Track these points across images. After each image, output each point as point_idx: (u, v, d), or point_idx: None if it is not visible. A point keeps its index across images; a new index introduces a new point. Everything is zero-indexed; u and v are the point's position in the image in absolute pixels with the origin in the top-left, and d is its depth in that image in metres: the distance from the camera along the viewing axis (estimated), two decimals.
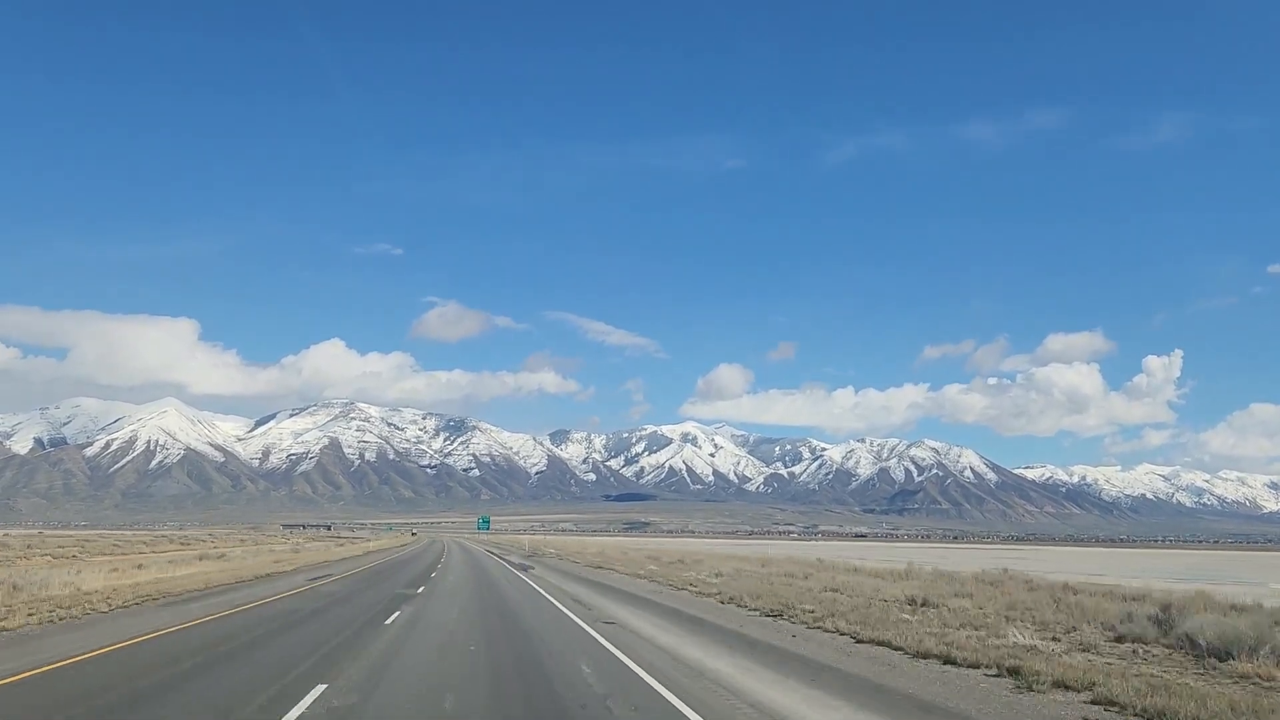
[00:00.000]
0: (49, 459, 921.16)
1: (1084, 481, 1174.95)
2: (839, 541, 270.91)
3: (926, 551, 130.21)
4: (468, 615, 24.30)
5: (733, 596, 28.82)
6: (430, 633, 20.19)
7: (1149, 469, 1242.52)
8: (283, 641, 18.41)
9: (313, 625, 21.52)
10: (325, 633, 19.83)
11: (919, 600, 25.60)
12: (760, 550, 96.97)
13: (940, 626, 20.27)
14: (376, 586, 36.30)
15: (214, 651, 16.70)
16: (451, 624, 22.04)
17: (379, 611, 24.72)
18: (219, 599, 28.47)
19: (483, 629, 21.16)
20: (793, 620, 22.91)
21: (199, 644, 17.66)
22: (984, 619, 21.43)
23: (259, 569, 46.17)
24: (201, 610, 24.52)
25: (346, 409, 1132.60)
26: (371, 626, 21.16)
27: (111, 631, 19.49)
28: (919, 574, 39.62)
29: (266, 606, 26.17)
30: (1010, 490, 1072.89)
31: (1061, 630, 19.71)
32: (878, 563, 59.01)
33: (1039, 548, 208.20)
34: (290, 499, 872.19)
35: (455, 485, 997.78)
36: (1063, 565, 78.58)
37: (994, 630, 19.33)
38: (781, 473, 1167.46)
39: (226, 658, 16.02)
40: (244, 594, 30.62)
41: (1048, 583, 32.59)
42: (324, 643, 18.07)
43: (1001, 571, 39.96)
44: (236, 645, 17.68)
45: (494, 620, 23.18)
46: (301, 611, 24.82)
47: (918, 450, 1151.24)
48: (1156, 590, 29.43)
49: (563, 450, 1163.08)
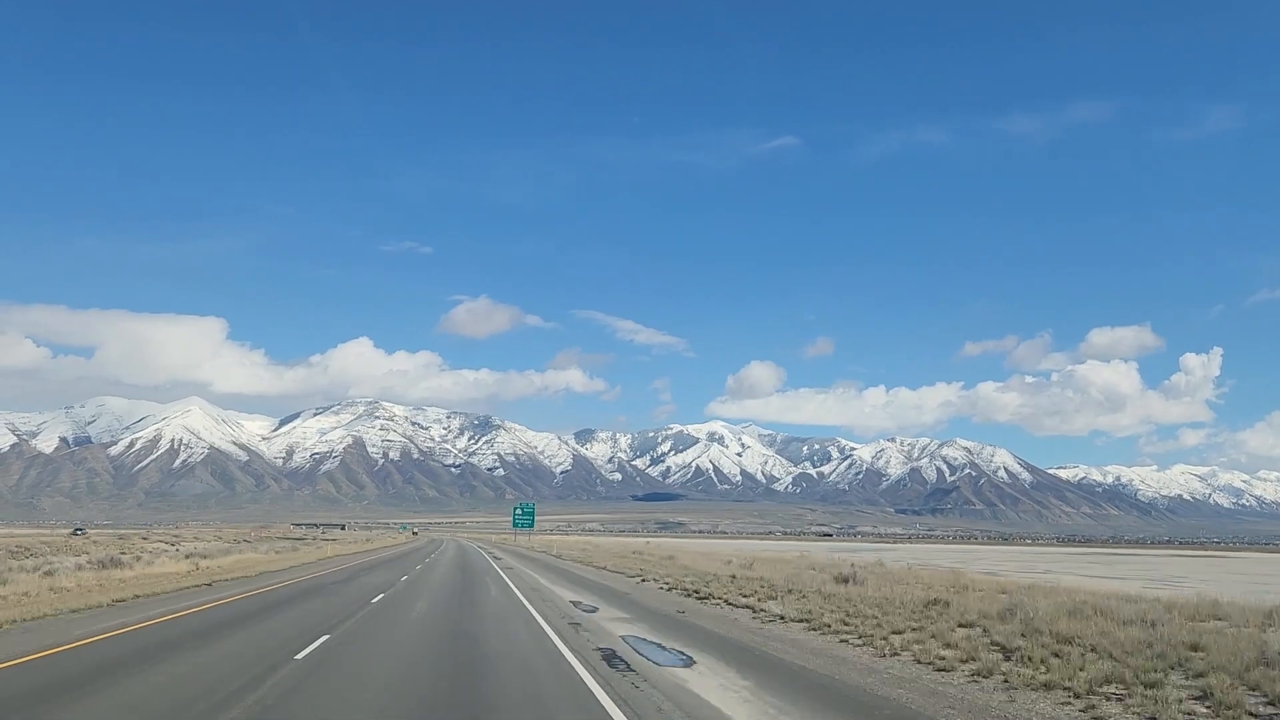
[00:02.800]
0: (73, 458, 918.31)
1: (1118, 482, 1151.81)
2: (901, 544, 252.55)
3: (1042, 557, 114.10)
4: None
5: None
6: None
7: (1184, 469, 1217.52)
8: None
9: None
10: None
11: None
12: (841, 555, 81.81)
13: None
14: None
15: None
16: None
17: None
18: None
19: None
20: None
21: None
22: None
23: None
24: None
25: (371, 408, 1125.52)
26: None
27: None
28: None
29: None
30: (1046, 490, 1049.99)
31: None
32: (1018, 576, 44.06)
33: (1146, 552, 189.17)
34: (314, 498, 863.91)
35: (480, 485, 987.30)
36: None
37: None
38: (810, 472, 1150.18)
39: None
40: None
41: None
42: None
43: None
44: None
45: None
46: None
47: (949, 450, 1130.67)
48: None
49: (588, 450, 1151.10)
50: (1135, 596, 25.67)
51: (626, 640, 18.70)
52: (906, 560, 60.60)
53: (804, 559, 56.63)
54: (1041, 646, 15.48)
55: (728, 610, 25.25)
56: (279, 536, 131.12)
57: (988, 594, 26.79)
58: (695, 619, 23.05)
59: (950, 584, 32.26)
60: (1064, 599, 24.49)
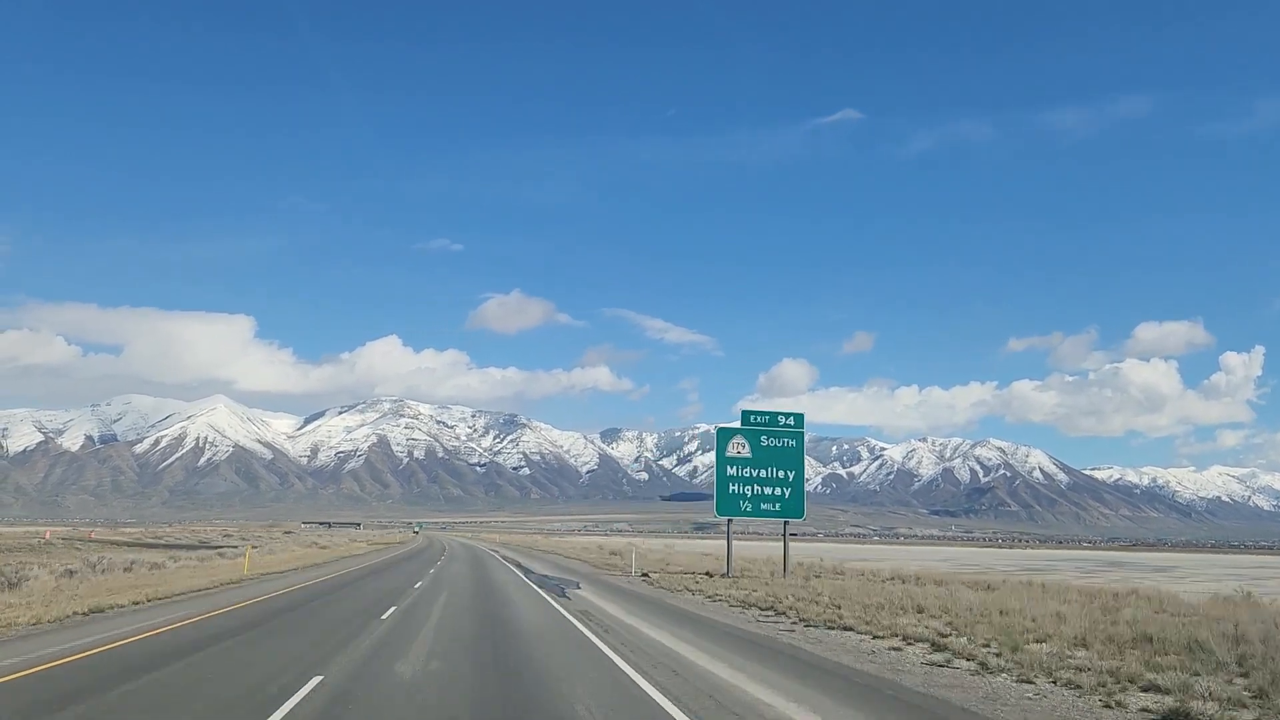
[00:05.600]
0: (99, 456, 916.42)
1: (1155, 483, 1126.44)
2: (972, 547, 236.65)
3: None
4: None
5: None
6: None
7: (1221, 470, 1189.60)
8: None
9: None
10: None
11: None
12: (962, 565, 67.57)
13: None
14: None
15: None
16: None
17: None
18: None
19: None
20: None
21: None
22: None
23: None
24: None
25: (396, 406, 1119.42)
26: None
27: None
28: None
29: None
30: (1083, 492, 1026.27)
31: None
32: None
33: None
34: (338, 497, 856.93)
35: (505, 484, 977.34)
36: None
37: None
38: (840, 473, 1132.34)
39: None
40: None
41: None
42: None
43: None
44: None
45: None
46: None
47: (982, 450, 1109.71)
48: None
49: (614, 449, 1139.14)
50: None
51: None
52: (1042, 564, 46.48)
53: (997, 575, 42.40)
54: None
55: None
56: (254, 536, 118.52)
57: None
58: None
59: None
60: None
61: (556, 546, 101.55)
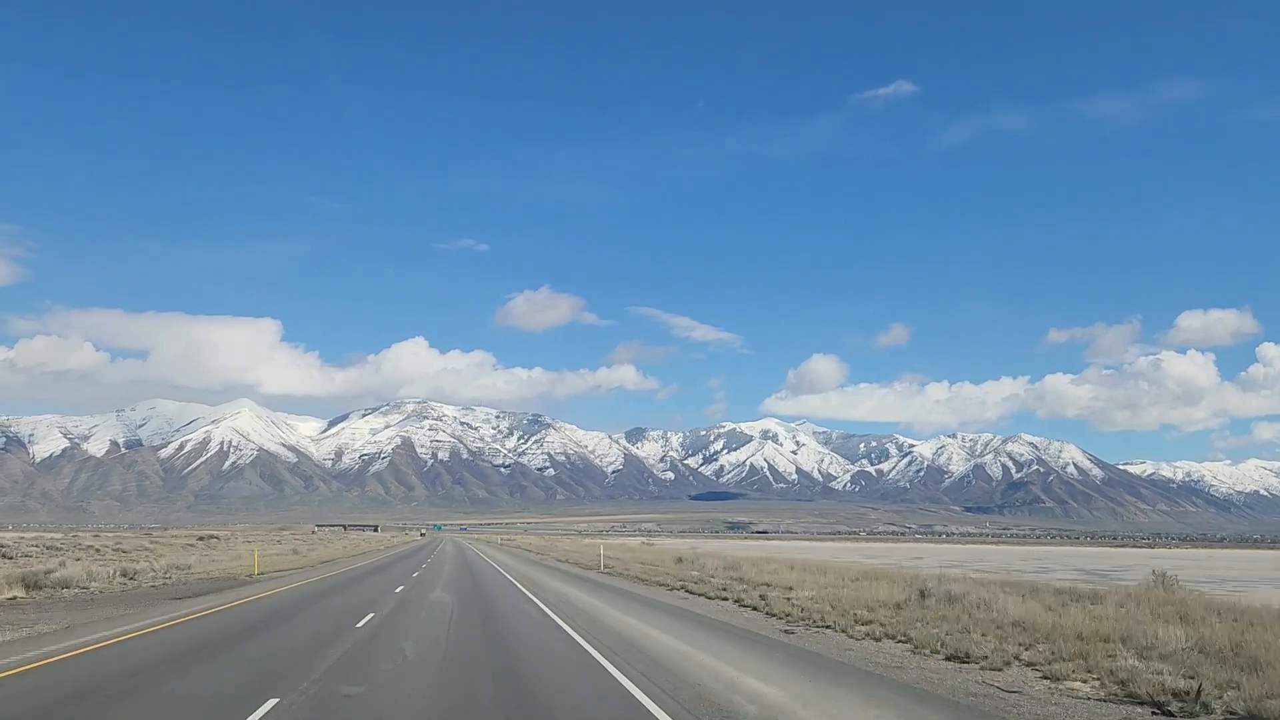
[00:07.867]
0: (124, 460, 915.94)
1: (1190, 478, 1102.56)
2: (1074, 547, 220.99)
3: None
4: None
5: None
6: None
7: (1257, 464, 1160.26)
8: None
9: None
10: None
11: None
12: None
13: None
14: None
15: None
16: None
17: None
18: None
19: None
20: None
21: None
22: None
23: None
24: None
25: (420, 408, 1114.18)
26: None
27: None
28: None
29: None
30: (1118, 487, 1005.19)
31: None
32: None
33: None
34: (362, 499, 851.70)
35: (530, 485, 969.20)
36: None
37: None
38: (869, 470, 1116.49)
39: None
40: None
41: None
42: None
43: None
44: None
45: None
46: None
47: (1014, 446, 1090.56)
48: None
49: (639, 449, 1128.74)
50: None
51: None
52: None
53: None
54: None
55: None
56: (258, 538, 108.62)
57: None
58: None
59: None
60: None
61: (568, 553, 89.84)
